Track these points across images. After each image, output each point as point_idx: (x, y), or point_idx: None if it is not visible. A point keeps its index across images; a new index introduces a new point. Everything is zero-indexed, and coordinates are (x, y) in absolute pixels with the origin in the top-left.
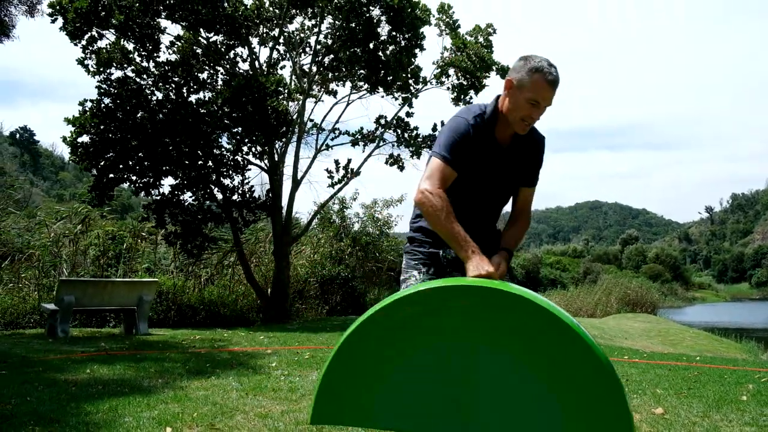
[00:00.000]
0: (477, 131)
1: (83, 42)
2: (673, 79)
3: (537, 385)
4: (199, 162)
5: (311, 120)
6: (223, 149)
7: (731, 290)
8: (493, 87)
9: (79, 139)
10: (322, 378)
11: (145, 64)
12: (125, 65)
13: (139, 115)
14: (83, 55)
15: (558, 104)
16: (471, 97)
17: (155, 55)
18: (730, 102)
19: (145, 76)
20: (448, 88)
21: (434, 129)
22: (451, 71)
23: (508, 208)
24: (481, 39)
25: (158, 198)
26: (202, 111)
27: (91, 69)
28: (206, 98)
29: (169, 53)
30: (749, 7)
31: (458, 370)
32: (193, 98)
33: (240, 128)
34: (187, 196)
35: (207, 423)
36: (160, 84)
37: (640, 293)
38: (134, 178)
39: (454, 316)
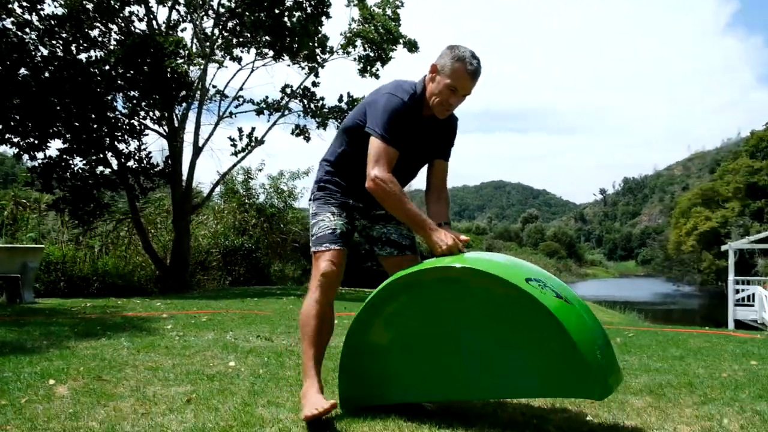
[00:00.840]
0: (409, 110)
1: None
2: (576, 67)
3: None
4: (92, 125)
5: (214, 86)
6: (117, 112)
7: (620, 267)
8: (400, 60)
9: None
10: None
11: (27, 16)
12: (3, 16)
13: (21, 71)
14: None
15: None
16: (377, 69)
17: (39, 7)
18: (626, 92)
19: (27, 30)
20: (355, 59)
21: (340, 100)
22: (359, 42)
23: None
24: (389, 11)
25: (44, 161)
26: (93, 70)
27: None
28: (98, 57)
29: (54, 6)
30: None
31: (448, 336)
32: (83, 56)
33: (136, 91)
34: (78, 161)
35: (94, 375)
36: (46, 39)
37: None
38: (16, 139)
39: (434, 291)
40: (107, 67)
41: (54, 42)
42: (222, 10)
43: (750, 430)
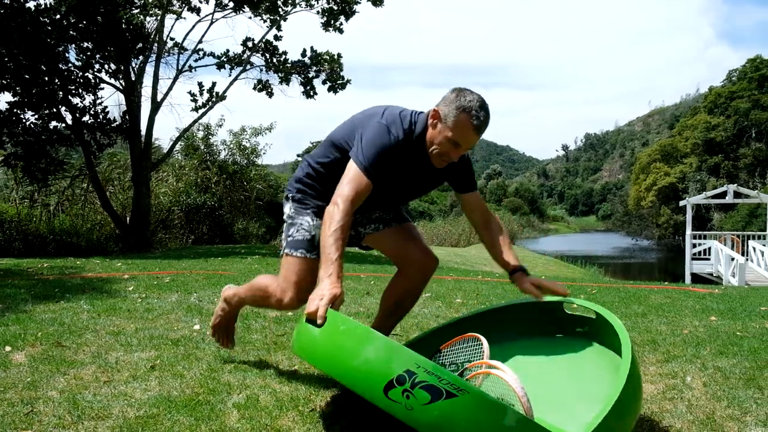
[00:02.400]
0: (400, 149)
1: None
2: (538, 22)
3: None
4: (43, 77)
5: (172, 38)
6: (70, 65)
7: (581, 222)
8: (364, 14)
9: None
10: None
11: None
12: None
13: None
14: None
15: (434, 40)
16: (341, 24)
17: None
18: (589, 48)
19: None
20: (318, 12)
21: (303, 54)
22: None
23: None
24: None
25: None
26: (42, 19)
27: None
28: (47, 5)
29: None
30: None
31: None
32: (31, 4)
33: (89, 42)
34: (30, 115)
35: (53, 341)
36: None
37: None
38: None
39: None
40: (58, 17)
41: None
42: None
43: (712, 387)
